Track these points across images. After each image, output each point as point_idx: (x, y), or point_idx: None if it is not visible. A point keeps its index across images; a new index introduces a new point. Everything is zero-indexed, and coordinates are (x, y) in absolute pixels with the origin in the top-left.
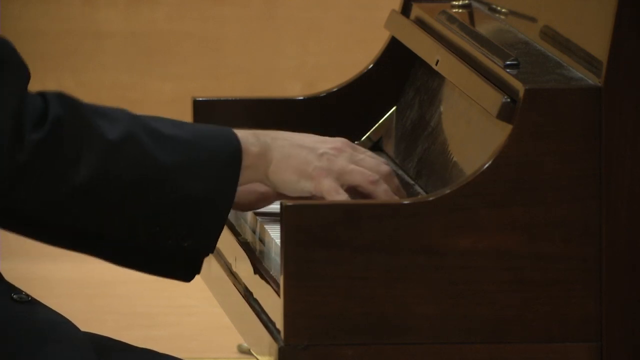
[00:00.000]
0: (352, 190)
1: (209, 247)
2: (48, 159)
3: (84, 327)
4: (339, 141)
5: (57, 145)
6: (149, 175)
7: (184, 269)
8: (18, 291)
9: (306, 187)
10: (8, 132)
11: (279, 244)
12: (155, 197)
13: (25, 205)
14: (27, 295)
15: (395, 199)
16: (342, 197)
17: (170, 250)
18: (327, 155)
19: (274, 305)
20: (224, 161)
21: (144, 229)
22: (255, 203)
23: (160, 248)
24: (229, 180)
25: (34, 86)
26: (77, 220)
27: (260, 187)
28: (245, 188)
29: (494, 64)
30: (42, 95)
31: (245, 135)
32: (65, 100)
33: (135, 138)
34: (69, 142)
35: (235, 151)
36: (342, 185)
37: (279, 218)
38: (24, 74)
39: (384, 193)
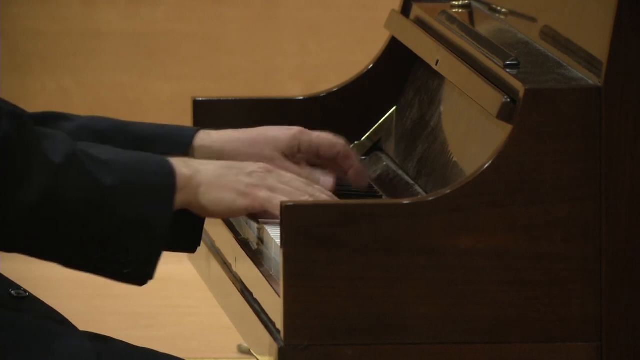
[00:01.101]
0: None
1: (148, 273)
2: None
3: (84, 327)
4: (263, 164)
5: (6, 164)
6: (91, 198)
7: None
8: (16, 287)
9: (242, 204)
10: None
11: (279, 244)
12: (96, 221)
13: None
14: (25, 291)
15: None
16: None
17: (113, 276)
18: (256, 174)
19: (274, 305)
20: (158, 183)
21: (86, 256)
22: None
23: (105, 272)
24: (164, 202)
25: (34, 87)
26: (19, 244)
27: None
28: None
29: (494, 64)
30: None
31: (175, 160)
32: (16, 120)
33: (79, 160)
34: (17, 161)
35: (168, 173)
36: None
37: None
38: None
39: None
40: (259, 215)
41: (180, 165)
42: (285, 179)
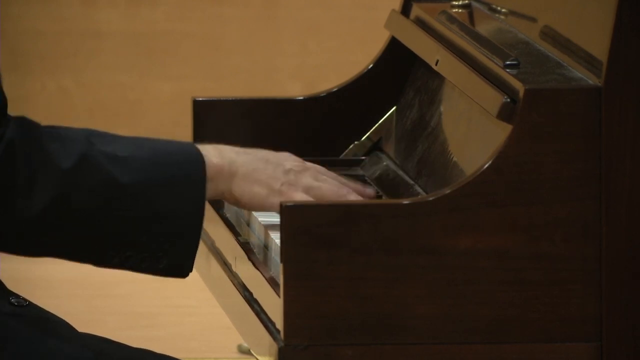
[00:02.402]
0: None
1: (186, 266)
2: (1, 183)
3: (84, 327)
4: (299, 160)
5: (8, 171)
6: (112, 198)
7: (170, 274)
8: (16, 296)
9: (275, 202)
10: None
11: (279, 244)
12: (122, 220)
13: None
14: (25, 300)
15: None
16: None
17: (148, 271)
18: (293, 172)
19: (274, 305)
20: (187, 176)
21: (118, 254)
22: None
23: (138, 268)
24: (195, 194)
25: (34, 87)
26: (41, 248)
27: None
28: None
29: (494, 64)
30: (6, 119)
31: (207, 148)
32: (22, 125)
33: (92, 161)
34: (21, 168)
35: (197, 164)
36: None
37: (279, 218)
38: None
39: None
40: None
41: (212, 154)
42: (321, 178)
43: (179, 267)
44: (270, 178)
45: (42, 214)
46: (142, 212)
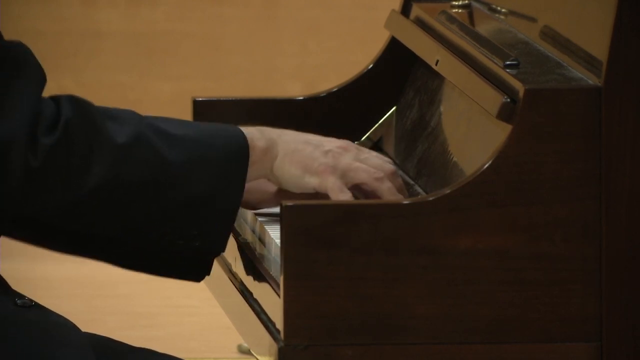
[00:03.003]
0: (356, 188)
1: (219, 246)
2: (59, 163)
3: (84, 327)
4: (344, 141)
5: (68, 149)
6: (159, 175)
7: (194, 269)
8: (21, 297)
9: (310, 182)
10: (23, 137)
11: (279, 244)
12: (165, 197)
13: (37, 211)
14: (31, 300)
15: (399, 197)
16: (346, 195)
17: (181, 251)
18: (332, 153)
19: (274, 305)
20: (231, 158)
21: (156, 230)
22: (261, 202)
23: (171, 249)
24: (236, 176)
25: None
26: (89, 225)
27: (267, 186)
28: (252, 186)
29: (494, 64)
30: (55, 99)
31: (251, 131)
32: (75, 104)
33: (145, 139)
34: (80, 146)
35: (242, 147)
36: (346, 184)
37: (279, 218)
38: (40, 78)
39: (387, 191)
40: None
41: (256, 136)
42: (362, 156)
43: (211, 248)
44: (308, 158)
45: (95, 190)
46: (184, 190)
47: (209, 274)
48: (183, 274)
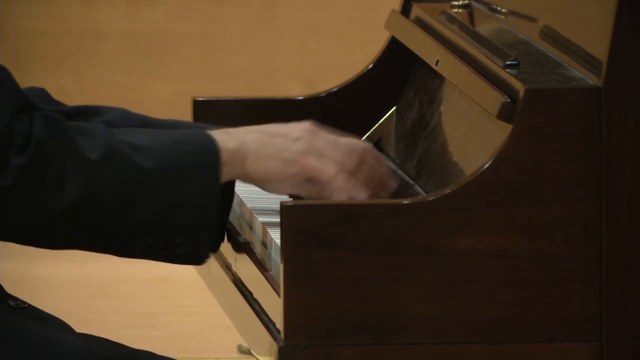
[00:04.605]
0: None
1: (205, 251)
2: (32, 182)
3: (84, 327)
4: (307, 123)
5: (41, 168)
6: (134, 187)
7: (189, 262)
8: (15, 298)
9: (290, 172)
10: None
11: (279, 244)
12: (142, 208)
13: (12, 231)
14: (24, 302)
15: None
16: (332, 170)
17: (168, 259)
18: (302, 139)
19: (274, 305)
20: (202, 162)
21: (138, 242)
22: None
23: (157, 257)
24: (210, 180)
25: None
26: (67, 240)
27: None
28: None
29: (494, 64)
30: (29, 116)
31: (218, 133)
32: (48, 121)
33: (118, 152)
34: (53, 164)
35: (211, 151)
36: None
37: (279, 218)
38: (14, 99)
39: (369, 168)
40: (306, 185)
41: (224, 139)
42: (330, 139)
43: (196, 255)
44: (280, 149)
45: (72, 206)
46: (162, 199)
47: (213, 252)
48: (180, 262)
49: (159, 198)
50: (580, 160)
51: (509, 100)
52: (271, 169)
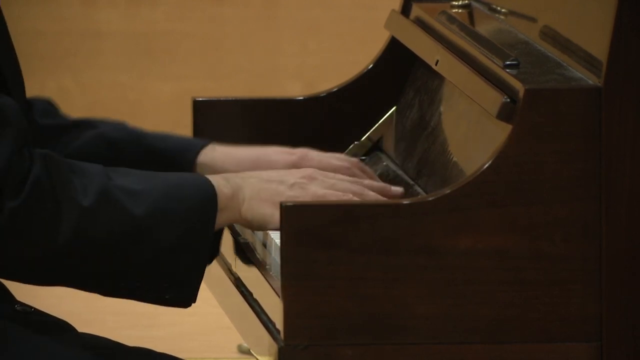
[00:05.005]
0: None
1: (190, 296)
2: (24, 223)
3: (84, 327)
4: (307, 170)
5: (34, 211)
6: (126, 232)
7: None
8: (22, 303)
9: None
10: None
11: (279, 244)
12: (133, 252)
13: (2, 265)
14: (30, 307)
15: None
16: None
17: (154, 302)
18: (298, 185)
19: (274, 305)
20: (198, 208)
21: (125, 285)
22: None
23: (143, 299)
24: (204, 227)
25: (34, 87)
26: (56, 279)
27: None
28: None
29: (494, 64)
30: (30, 154)
31: (217, 179)
32: (47, 163)
33: (110, 196)
34: (46, 208)
35: (209, 196)
36: None
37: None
38: (20, 138)
39: None
40: None
41: (222, 184)
42: (329, 183)
43: (183, 299)
44: (275, 195)
45: (62, 249)
46: (152, 245)
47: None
48: (165, 305)
49: (149, 244)
50: (580, 160)
51: (508, 100)
52: (265, 214)
